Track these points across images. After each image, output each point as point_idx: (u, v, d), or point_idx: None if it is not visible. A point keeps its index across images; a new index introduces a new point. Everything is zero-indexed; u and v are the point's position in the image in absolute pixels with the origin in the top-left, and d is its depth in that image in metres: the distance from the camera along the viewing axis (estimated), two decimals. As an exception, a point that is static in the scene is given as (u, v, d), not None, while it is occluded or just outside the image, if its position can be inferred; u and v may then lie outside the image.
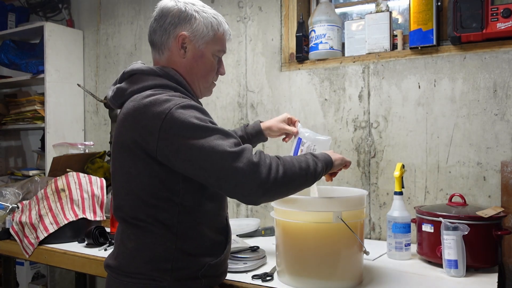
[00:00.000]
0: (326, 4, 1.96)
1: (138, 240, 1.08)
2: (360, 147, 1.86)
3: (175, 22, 1.13)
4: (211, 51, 1.18)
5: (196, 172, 1.00)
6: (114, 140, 1.12)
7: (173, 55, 1.15)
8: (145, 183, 1.06)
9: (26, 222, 1.76)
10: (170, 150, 1.00)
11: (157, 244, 1.06)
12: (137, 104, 1.05)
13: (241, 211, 2.16)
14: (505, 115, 1.59)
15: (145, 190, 1.06)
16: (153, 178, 1.05)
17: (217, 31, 1.18)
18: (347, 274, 1.20)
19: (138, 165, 1.05)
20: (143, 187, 1.06)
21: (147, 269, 1.06)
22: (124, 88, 1.13)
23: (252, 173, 0.96)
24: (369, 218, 1.83)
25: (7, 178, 2.82)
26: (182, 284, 1.08)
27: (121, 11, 2.64)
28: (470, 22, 1.57)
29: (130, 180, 1.08)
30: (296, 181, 1.05)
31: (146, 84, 1.11)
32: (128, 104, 1.08)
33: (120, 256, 1.11)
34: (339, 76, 1.92)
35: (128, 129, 1.06)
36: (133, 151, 1.05)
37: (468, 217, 1.32)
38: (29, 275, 2.79)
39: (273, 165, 1.00)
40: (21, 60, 2.72)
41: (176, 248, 1.07)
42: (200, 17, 1.14)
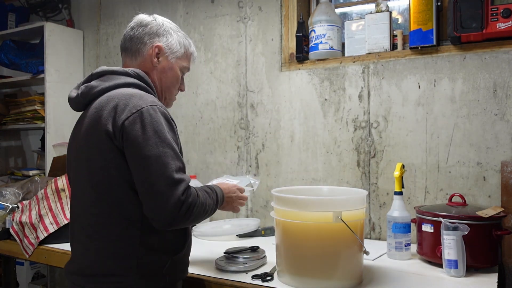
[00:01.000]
0: (326, 4, 1.96)
1: (101, 238, 1.08)
2: (360, 147, 1.86)
3: (152, 33, 1.24)
4: (179, 66, 1.29)
5: (136, 170, 1.04)
6: (82, 135, 1.13)
7: (145, 62, 1.24)
8: (111, 176, 1.06)
9: (26, 222, 1.76)
10: (127, 141, 1.03)
11: (121, 240, 1.07)
12: (114, 95, 1.09)
13: (241, 211, 2.16)
14: (505, 115, 1.59)
15: (110, 183, 1.07)
16: (119, 170, 1.06)
17: (187, 50, 1.30)
18: (347, 274, 1.20)
19: (105, 157, 1.06)
20: (108, 180, 1.07)
21: (110, 267, 1.07)
22: (94, 86, 1.15)
23: (173, 207, 1.01)
24: (369, 218, 1.83)
25: (7, 178, 2.82)
26: (147, 280, 1.08)
27: (121, 11, 2.64)
28: (470, 22, 1.57)
29: (95, 172, 1.08)
30: (198, 219, 1.12)
31: (118, 82, 1.14)
32: (102, 98, 1.11)
33: (82, 258, 1.12)
34: (339, 76, 1.92)
35: (100, 120, 1.07)
36: (103, 142, 1.06)
37: (468, 217, 1.32)
38: (29, 275, 2.79)
39: (191, 209, 1.04)
40: (21, 60, 2.72)
41: (140, 243, 1.07)
42: (175, 35, 1.27)
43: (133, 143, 1.02)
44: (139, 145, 1.02)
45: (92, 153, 1.08)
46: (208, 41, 2.28)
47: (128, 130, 1.03)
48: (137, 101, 1.06)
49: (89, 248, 1.09)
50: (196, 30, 2.33)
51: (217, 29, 2.25)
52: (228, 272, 1.34)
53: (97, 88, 1.14)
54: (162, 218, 1.02)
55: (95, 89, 1.14)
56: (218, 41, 2.25)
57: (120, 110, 1.05)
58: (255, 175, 2.12)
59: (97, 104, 1.10)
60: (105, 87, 1.13)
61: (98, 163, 1.07)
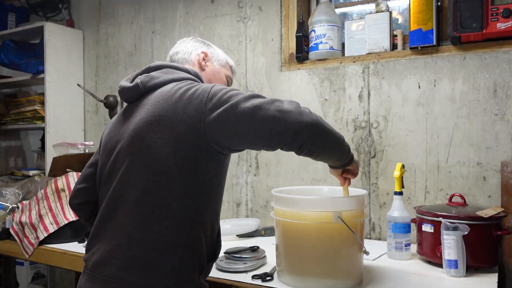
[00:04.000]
0: (326, 4, 1.96)
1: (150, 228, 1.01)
2: (360, 147, 1.86)
3: (196, 44, 1.32)
4: (224, 73, 1.34)
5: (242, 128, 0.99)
6: (143, 123, 1.05)
7: (194, 65, 1.28)
8: (177, 166, 1.01)
9: (26, 222, 1.76)
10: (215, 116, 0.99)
11: (170, 234, 1.01)
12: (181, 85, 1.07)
13: (241, 211, 2.16)
14: (505, 115, 1.59)
15: (173, 173, 1.01)
16: (187, 161, 1.01)
17: (228, 61, 1.38)
18: (347, 274, 1.20)
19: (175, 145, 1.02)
20: (172, 170, 1.01)
21: (155, 261, 1.00)
22: (155, 76, 1.12)
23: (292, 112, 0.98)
24: (369, 218, 1.83)
25: (7, 178, 2.83)
26: (187, 282, 1.04)
27: (121, 11, 2.64)
28: (470, 22, 1.57)
29: (159, 161, 1.02)
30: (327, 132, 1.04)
31: (180, 76, 1.13)
32: (167, 87, 1.08)
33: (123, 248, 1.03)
34: (339, 76, 1.92)
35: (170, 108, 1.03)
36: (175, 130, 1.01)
37: (468, 217, 1.32)
38: (29, 275, 2.79)
39: (312, 113, 1.01)
40: (21, 60, 2.71)
41: (186, 242, 1.02)
42: (215, 48, 1.36)
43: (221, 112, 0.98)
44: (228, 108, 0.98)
45: (160, 141, 1.02)
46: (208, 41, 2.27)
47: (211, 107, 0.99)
48: (205, 86, 1.05)
49: (136, 237, 1.02)
50: (196, 30, 2.33)
51: (217, 29, 2.25)
52: (228, 272, 1.34)
53: (159, 79, 1.11)
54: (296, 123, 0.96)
55: (156, 79, 1.12)
56: (218, 41, 2.25)
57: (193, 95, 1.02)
58: (255, 175, 2.12)
59: (163, 93, 1.07)
60: (168, 79, 1.11)
61: (166, 151, 1.01)
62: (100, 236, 1.08)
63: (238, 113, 0.97)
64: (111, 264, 1.02)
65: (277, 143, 0.98)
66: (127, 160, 1.06)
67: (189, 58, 1.28)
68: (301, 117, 0.96)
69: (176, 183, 1.01)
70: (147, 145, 1.03)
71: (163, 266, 1.01)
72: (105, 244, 1.05)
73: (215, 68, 1.31)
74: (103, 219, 1.09)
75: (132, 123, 1.09)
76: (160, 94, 1.07)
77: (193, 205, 1.03)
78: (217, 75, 1.31)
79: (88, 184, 1.24)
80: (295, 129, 0.96)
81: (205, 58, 1.30)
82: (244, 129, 0.98)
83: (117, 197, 1.07)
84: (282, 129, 0.96)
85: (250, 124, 0.97)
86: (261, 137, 0.98)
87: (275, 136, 0.97)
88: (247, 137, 1.00)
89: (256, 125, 0.97)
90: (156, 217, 1.01)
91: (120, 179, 1.07)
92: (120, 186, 1.07)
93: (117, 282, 1.01)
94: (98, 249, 1.06)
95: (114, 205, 1.07)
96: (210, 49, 1.33)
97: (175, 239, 1.01)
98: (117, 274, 1.01)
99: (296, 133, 0.96)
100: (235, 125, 0.98)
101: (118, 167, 1.08)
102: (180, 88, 1.05)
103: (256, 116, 0.96)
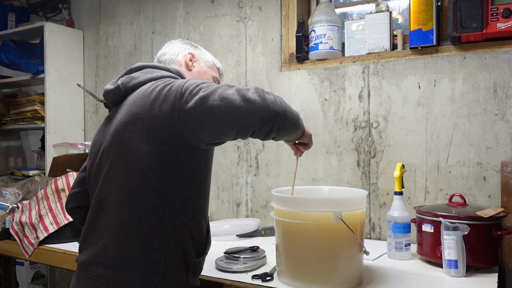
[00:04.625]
0: (326, 4, 1.96)
1: (133, 226, 1.02)
2: (360, 147, 1.86)
3: (184, 46, 1.33)
4: (211, 74, 1.35)
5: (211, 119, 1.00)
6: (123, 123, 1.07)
7: (181, 66, 1.29)
8: (155, 163, 1.02)
9: (26, 222, 1.76)
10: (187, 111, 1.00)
11: (154, 231, 1.02)
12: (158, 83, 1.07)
13: (241, 211, 2.16)
14: (505, 115, 1.59)
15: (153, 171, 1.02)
16: (165, 158, 1.02)
17: (215, 63, 1.39)
18: (347, 274, 1.20)
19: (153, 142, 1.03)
20: (151, 168, 1.02)
21: (139, 258, 1.01)
22: (135, 77, 1.14)
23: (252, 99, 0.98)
24: (369, 218, 1.83)
25: (7, 178, 2.82)
26: (170, 282, 1.04)
27: (121, 11, 2.64)
28: (470, 22, 1.57)
29: (138, 159, 1.03)
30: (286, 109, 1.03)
31: (159, 75, 1.14)
32: (144, 87, 1.09)
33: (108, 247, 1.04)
34: (339, 76, 1.92)
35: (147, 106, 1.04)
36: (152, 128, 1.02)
37: (468, 217, 1.32)
38: (29, 275, 2.79)
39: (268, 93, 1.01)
40: (21, 60, 2.71)
41: (171, 238, 1.03)
42: (203, 50, 1.37)
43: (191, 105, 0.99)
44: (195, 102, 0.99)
45: (138, 140, 1.03)
46: (208, 41, 2.28)
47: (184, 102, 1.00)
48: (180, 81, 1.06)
49: (119, 236, 1.03)
50: (196, 30, 2.33)
51: (217, 29, 2.25)
52: (228, 272, 1.34)
53: (139, 79, 1.13)
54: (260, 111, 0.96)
55: (136, 79, 1.13)
56: (218, 41, 2.25)
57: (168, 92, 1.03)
58: (255, 175, 2.12)
59: (140, 92, 1.08)
60: (147, 78, 1.12)
61: (144, 149, 1.02)
62: (89, 237, 1.10)
63: (207, 106, 0.97)
64: (97, 263, 1.04)
65: (246, 132, 0.99)
66: (109, 161, 1.09)
67: (176, 59, 1.30)
68: (265, 105, 0.97)
69: (156, 180, 1.02)
70: (126, 145, 1.05)
71: (147, 263, 1.02)
72: (93, 244, 1.07)
73: (202, 69, 1.33)
74: (91, 220, 1.11)
75: (113, 124, 1.11)
76: (138, 93, 1.09)
77: (175, 202, 1.04)
78: (204, 76, 1.32)
79: (82, 188, 1.25)
80: (261, 118, 0.97)
81: (192, 59, 1.31)
82: (213, 121, 0.99)
83: (102, 198, 1.09)
84: (249, 119, 0.97)
85: (218, 116, 0.98)
86: (230, 128, 0.99)
87: (243, 126, 0.98)
88: (218, 130, 1.00)
89: (224, 117, 0.97)
90: (138, 216, 1.03)
91: (104, 180, 1.09)
92: (104, 186, 1.09)
93: (103, 281, 1.02)
94: (88, 250, 1.09)
95: (100, 205, 1.09)
96: (197, 50, 1.34)
97: (158, 237, 1.03)
98: (103, 273, 1.03)
99: (262, 122, 0.97)
100: (205, 118, 0.98)
101: (102, 168, 1.11)
102: (156, 87, 1.06)
103: (223, 108, 0.97)
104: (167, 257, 1.03)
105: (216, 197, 2.22)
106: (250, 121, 0.97)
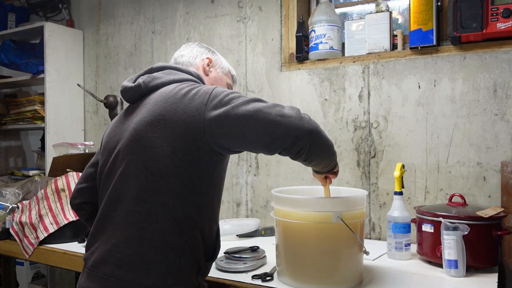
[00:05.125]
0: (326, 4, 1.96)
1: (148, 227, 1.01)
2: (360, 147, 1.86)
3: (202, 50, 1.33)
4: (225, 81, 1.36)
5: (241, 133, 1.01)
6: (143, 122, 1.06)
7: (198, 69, 1.29)
8: (175, 165, 1.01)
9: (26, 222, 1.76)
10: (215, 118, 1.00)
11: (169, 233, 1.02)
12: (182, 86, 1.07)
13: (241, 211, 2.16)
14: (505, 115, 1.59)
15: (171, 172, 1.01)
16: (185, 160, 1.01)
17: (230, 70, 1.39)
18: (347, 274, 1.20)
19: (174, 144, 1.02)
20: (171, 169, 1.01)
21: (153, 260, 1.00)
22: (157, 77, 1.13)
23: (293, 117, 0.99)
24: (369, 218, 1.83)
25: (7, 178, 2.82)
26: (185, 281, 1.04)
27: (121, 11, 2.64)
28: (470, 22, 1.57)
29: (158, 160, 1.02)
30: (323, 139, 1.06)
31: (183, 77, 1.13)
32: (168, 87, 1.09)
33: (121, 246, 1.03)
34: (339, 76, 1.92)
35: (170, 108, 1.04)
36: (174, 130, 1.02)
37: (468, 217, 1.32)
38: (29, 275, 2.79)
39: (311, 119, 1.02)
40: (21, 60, 2.72)
41: (186, 240, 1.02)
42: (219, 56, 1.38)
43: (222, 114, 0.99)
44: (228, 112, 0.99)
45: (159, 140, 1.02)
46: (208, 41, 2.28)
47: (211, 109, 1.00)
48: (207, 87, 1.06)
49: (133, 236, 1.02)
50: (196, 30, 2.33)
51: (217, 29, 2.25)
52: (228, 272, 1.34)
53: (161, 79, 1.12)
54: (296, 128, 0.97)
55: (158, 80, 1.12)
56: (218, 41, 2.25)
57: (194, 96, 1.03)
58: (255, 175, 2.12)
59: (164, 93, 1.07)
60: (170, 79, 1.12)
61: (166, 150, 1.01)
62: (99, 235, 1.08)
63: (238, 114, 0.97)
64: (109, 262, 1.03)
65: (277, 147, 0.99)
66: (127, 159, 1.07)
67: (194, 62, 1.29)
68: (301, 123, 0.98)
69: (174, 182, 1.01)
70: (147, 145, 1.04)
71: (161, 265, 1.01)
72: (104, 243, 1.06)
73: (218, 75, 1.33)
74: (102, 218, 1.09)
75: (132, 122, 1.09)
76: (161, 94, 1.08)
77: (192, 204, 1.03)
78: (219, 82, 1.32)
79: (89, 183, 1.24)
80: (295, 134, 0.97)
81: (210, 64, 1.31)
82: (244, 131, 0.99)
83: (116, 196, 1.07)
84: (283, 133, 0.97)
85: (250, 126, 0.98)
86: (260, 140, 0.99)
87: (275, 140, 0.98)
88: (247, 139, 1.00)
89: (256, 128, 0.97)
90: (154, 216, 1.02)
91: (119, 178, 1.07)
92: (119, 185, 1.07)
93: (114, 280, 1.01)
94: (97, 248, 1.07)
95: (113, 204, 1.07)
96: (214, 56, 1.35)
97: (173, 239, 1.02)
98: (115, 273, 1.01)
99: (296, 138, 0.97)
100: (235, 126, 0.98)
101: (118, 166, 1.09)
102: (181, 89, 1.05)
103: (256, 119, 0.97)
104: (181, 259, 1.02)
105: (216, 197, 2.22)
106: (283, 136, 0.97)
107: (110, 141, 1.16)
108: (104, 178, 1.13)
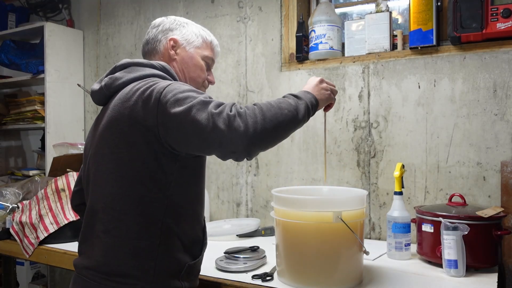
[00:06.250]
0: (326, 4, 1.96)
1: (120, 234, 1.02)
2: (360, 147, 1.86)
3: (166, 29, 1.22)
4: (200, 55, 1.24)
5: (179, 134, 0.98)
6: (105, 128, 1.06)
7: (163, 56, 1.21)
8: (137, 169, 1.01)
9: (26, 222, 1.76)
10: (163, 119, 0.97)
11: (140, 238, 1.02)
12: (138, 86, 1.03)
13: (241, 211, 2.16)
14: (505, 115, 1.60)
15: (135, 177, 1.01)
16: (146, 163, 1.00)
17: (205, 39, 1.26)
18: (347, 274, 1.20)
19: (132, 149, 1.01)
20: (134, 174, 1.01)
21: (128, 266, 1.01)
22: (118, 77, 1.10)
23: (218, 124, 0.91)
24: (369, 218, 1.83)
25: (7, 178, 2.82)
26: (164, 285, 1.04)
27: (121, 11, 2.65)
28: (470, 22, 1.58)
29: (121, 165, 1.02)
30: (280, 123, 0.97)
31: (143, 73, 1.09)
32: (126, 89, 1.05)
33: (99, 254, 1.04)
34: (339, 76, 1.92)
35: (127, 111, 1.01)
36: (131, 133, 1.00)
37: (468, 217, 1.32)
38: (29, 275, 2.79)
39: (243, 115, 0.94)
40: (21, 60, 2.72)
41: (159, 244, 1.02)
42: (189, 27, 1.24)
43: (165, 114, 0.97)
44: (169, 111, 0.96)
45: (119, 146, 1.02)
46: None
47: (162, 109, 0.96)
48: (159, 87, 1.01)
49: (107, 244, 1.03)
50: (196, 30, 2.33)
51: (217, 29, 2.25)
52: (228, 272, 1.34)
53: (122, 79, 1.09)
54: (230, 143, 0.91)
55: (119, 80, 1.09)
56: (218, 41, 2.23)
57: (148, 98, 0.99)
58: (255, 175, 2.12)
59: (122, 95, 1.05)
60: (130, 78, 1.08)
61: (125, 156, 1.01)
62: (83, 242, 1.12)
63: (180, 123, 0.94)
64: (90, 268, 1.05)
65: (223, 157, 0.97)
66: (94, 168, 1.09)
67: (158, 48, 1.21)
68: (234, 137, 0.91)
69: (137, 188, 1.01)
70: (108, 152, 1.04)
71: (137, 270, 1.01)
72: (87, 250, 1.09)
73: (187, 54, 1.21)
74: (85, 226, 1.12)
75: (99, 128, 1.10)
76: (119, 96, 1.06)
77: (161, 207, 1.03)
78: (191, 62, 1.22)
79: (82, 186, 1.25)
80: (231, 150, 0.94)
81: (175, 45, 1.21)
82: (187, 141, 0.96)
83: (90, 206, 1.10)
84: (220, 151, 0.95)
85: (191, 138, 0.95)
86: (203, 151, 1.00)
87: (213, 151, 0.96)
88: (193, 149, 0.99)
89: (196, 141, 0.95)
90: (124, 223, 1.02)
91: (92, 186, 1.10)
92: (92, 194, 1.10)
93: (95, 283, 1.03)
94: (83, 254, 1.11)
95: (90, 213, 1.10)
96: (180, 31, 1.22)
97: (146, 243, 1.02)
98: (96, 278, 1.04)
99: (234, 154, 0.95)
100: (179, 133, 0.96)
101: (90, 174, 1.12)
102: (138, 90, 1.02)
103: (192, 132, 0.94)
104: (156, 264, 1.02)
105: (216, 197, 2.22)
106: (222, 152, 0.95)
107: (86, 147, 1.19)
108: (85, 186, 1.17)
